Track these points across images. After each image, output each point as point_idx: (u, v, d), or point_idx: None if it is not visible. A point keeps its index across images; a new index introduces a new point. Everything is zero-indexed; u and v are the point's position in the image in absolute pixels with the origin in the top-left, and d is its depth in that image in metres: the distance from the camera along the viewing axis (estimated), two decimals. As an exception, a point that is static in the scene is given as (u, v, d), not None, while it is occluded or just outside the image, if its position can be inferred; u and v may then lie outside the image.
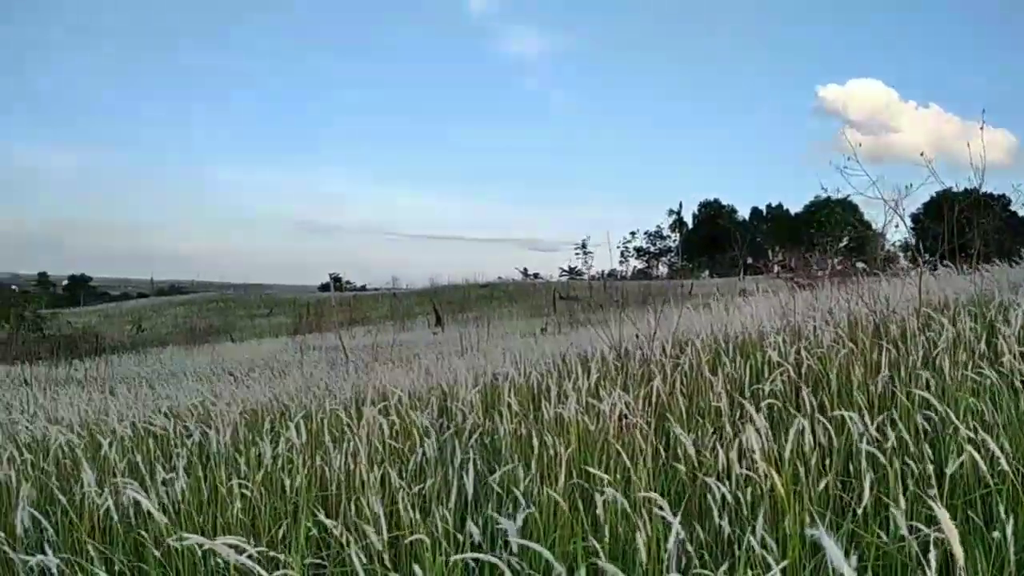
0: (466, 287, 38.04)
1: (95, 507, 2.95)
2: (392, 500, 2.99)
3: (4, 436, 4.60)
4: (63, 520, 3.08)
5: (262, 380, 8.94)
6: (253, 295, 47.57)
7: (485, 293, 37.19)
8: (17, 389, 10.15)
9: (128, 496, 2.97)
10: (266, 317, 36.87)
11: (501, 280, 44.29)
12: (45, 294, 45.34)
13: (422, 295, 36.80)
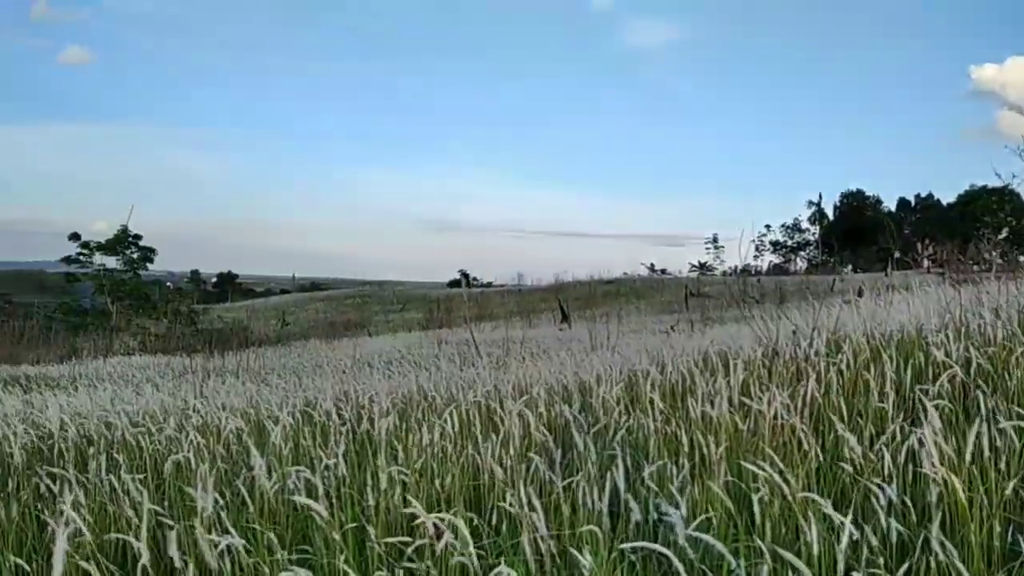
0: (591, 283, 37.93)
1: (264, 490, 3.11)
2: (544, 492, 3.02)
3: (177, 422, 4.91)
4: (234, 501, 3.26)
5: (401, 372, 9.20)
6: (387, 291, 49.07)
7: (611, 289, 36.97)
8: (180, 378, 10.80)
9: (294, 481, 3.13)
10: (399, 312, 37.94)
11: (627, 276, 43.87)
12: (197, 291, 48.09)
13: (547, 292, 36.94)
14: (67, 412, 5.41)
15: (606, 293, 34.90)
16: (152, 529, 2.64)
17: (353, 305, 42.47)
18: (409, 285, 60.45)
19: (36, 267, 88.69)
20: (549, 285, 40.78)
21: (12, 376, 13.43)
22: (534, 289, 40.95)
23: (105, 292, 27.95)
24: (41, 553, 3.05)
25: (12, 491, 3.63)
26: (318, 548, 2.79)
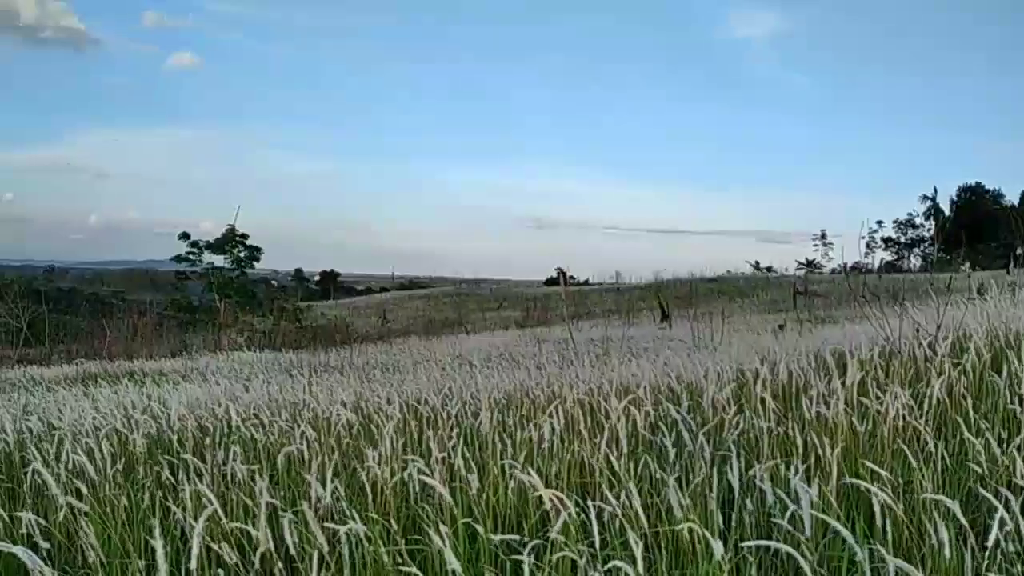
0: (692, 282, 37.31)
1: (378, 480, 3.17)
2: (655, 490, 2.98)
3: (288, 415, 5.06)
4: (347, 492, 3.33)
5: (500, 369, 9.24)
6: (484, 289, 49.54)
7: (713, 288, 36.30)
8: (286, 373, 11.11)
9: (409, 473, 3.17)
10: (496, 311, 38.23)
11: (730, 274, 42.99)
12: (300, 289, 49.56)
13: (646, 290, 36.53)
14: (184, 404, 5.64)
15: (708, 291, 34.24)
16: (270, 517, 2.72)
17: (451, 303, 43.01)
18: (505, 283, 60.85)
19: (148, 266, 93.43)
20: (648, 283, 40.32)
21: (128, 370, 14.13)
22: (633, 287, 40.58)
23: (213, 290, 29.08)
24: (167, 536, 3.18)
25: (139, 478, 3.80)
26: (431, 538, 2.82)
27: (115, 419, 5.15)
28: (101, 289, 69.35)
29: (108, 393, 7.92)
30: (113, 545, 2.98)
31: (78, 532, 2.83)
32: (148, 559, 2.70)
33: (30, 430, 5.26)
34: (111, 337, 21.35)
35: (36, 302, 26.59)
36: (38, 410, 6.57)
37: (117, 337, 21.79)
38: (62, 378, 12.76)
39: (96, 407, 5.97)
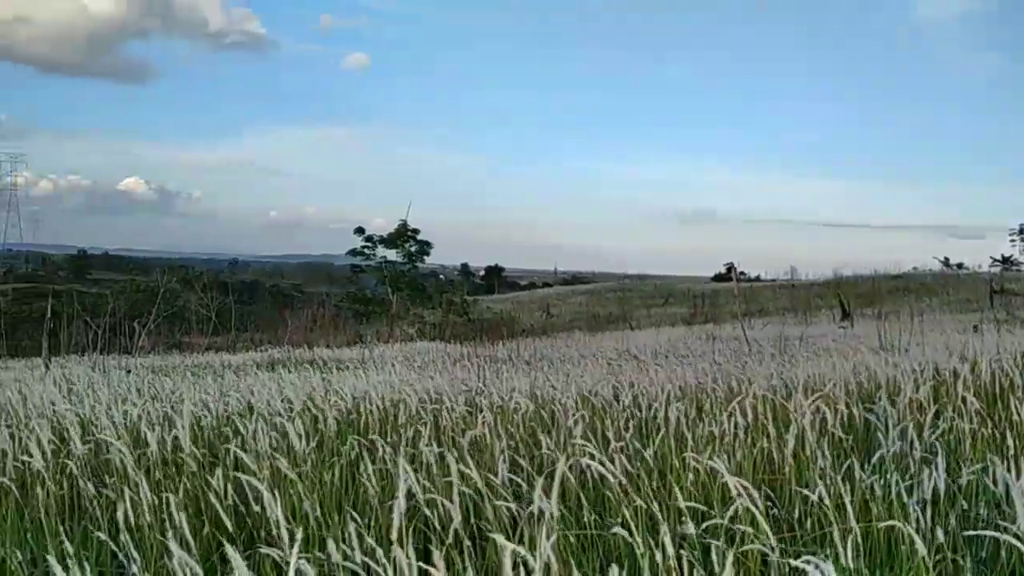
0: (874, 279, 35.28)
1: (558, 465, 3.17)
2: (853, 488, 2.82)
3: (466, 401, 5.17)
4: (527, 478, 3.36)
5: (668, 365, 9.09)
6: (648, 285, 48.98)
7: (898, 285, 34.18)
8: (457, 364, 11.37)
9: (587, 462, 3.15)
10: (661, 307, 37.73)
11: (916, 271, 40.39)
12: (466, 283, 50.77)
13: (824, 287, 34.89)
14: (371, 388, 5.88)
15: (892, 289, 32.25)
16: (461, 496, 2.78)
17: (615, 299, 42.83)
18: (670, 279, 59.91)
19: (324, 259, 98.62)
20: (826, 280, 38.48)
21: (308, 358, 14.92)
22: (808, 284, 38.86)
23: (386, 283, 30.28)
24: (359, 511, 3.31)
25: (333, 455, 3.98)
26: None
27: (305, 400, 5.44)
28: (280, 281, 73.90)
29: (292, 377, 8.40)
30: (311, 518, 3.13)
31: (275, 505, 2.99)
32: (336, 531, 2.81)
33: (225, 408, 5.65)
34: (292, 327, 22.67)
35: (222, 293, 28.61)
36: (232, 392, 7.04)
37: (298, 327, 23.11)
38: (249, 363, 13.62)
39: (282, 390, 6.33)
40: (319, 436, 4.43)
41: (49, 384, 8.09)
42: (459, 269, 62.34)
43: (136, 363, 13.24)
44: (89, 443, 4.20)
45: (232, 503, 3.17)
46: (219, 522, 2.98)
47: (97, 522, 3.31)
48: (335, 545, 2.47)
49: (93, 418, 5.14)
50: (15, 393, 6.75)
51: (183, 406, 5.62)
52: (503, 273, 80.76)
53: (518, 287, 73.34)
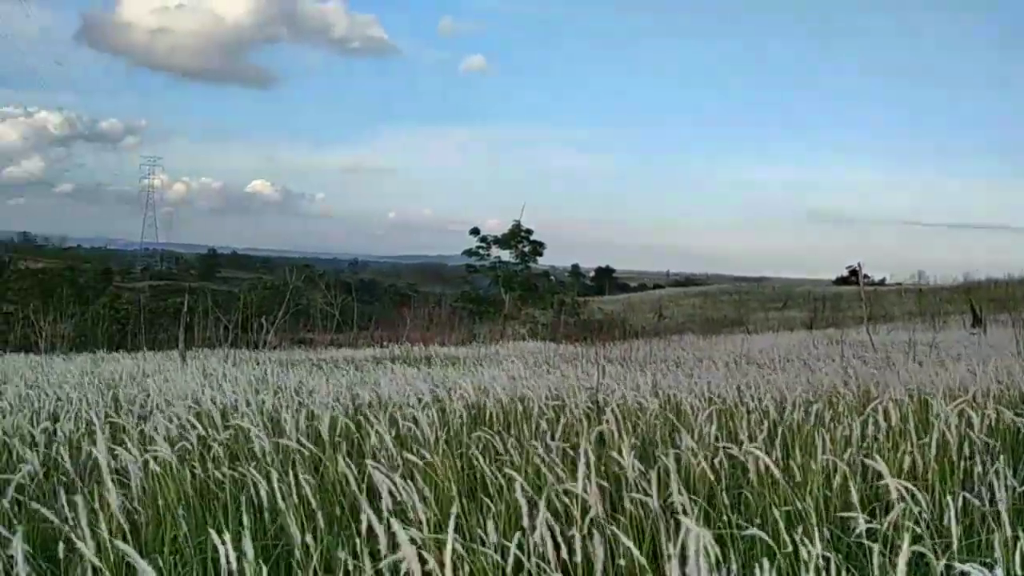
0: (1009, 283, 33.22)
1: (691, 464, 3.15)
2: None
3: (587, 398, 5.18)
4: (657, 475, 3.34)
5: (789, 369, 8.84)
6: (766, 287, 47.69)
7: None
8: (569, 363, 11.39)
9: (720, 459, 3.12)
10: (779, 310, 36.67)
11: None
12: (577, 284, 50.70)
13: (953, 291, 33.11)
14: (493, 384, 5.97)
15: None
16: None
17: (729, 301, 41.92)
18: (789, 281, 58.09)
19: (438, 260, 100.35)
20: (956, 284, 36.49)
21: (425, 355, 15.24)
22: (937, 288, 36.95)
23: (499, 283, 30.62)
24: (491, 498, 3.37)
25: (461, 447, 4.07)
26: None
27: (433, 392, 5.57)
28: (397, 281, 75.67)
29: (412, 372, 8.60)
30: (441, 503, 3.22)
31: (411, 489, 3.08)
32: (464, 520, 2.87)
33: (353, 400, 5.84)
34: (410, 325, 23.19)
35: (344, 292, 29.53)
36: (360, 385, 7.27)
37: (415, 325, 23.64)
38: (369, 359, 14.01)
39: (413, 382, 6.49)
40: (447, 428, 4.53)
41: (189, 374, 8.56)
42: (569, 270, 62.26)
43: (264, 356, 13.84)
44: (229, 429, 4.42)
45: (368, 487, 3.28)
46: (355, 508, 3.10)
47: (239, 503, 3.49)
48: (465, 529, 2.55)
49: (232, 406, 5.40)
50: (160, 383, 7.19)
51: (313, 396, 5.89)
52: (613, 274, 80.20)
53: (628, 288, 72.67)
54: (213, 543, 2.16)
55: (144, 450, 3.64)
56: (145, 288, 46.96)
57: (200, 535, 2.83)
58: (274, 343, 17.93)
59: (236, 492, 3.53)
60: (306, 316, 25.70)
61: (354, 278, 49.84)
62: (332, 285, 30.21)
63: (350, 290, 29.95)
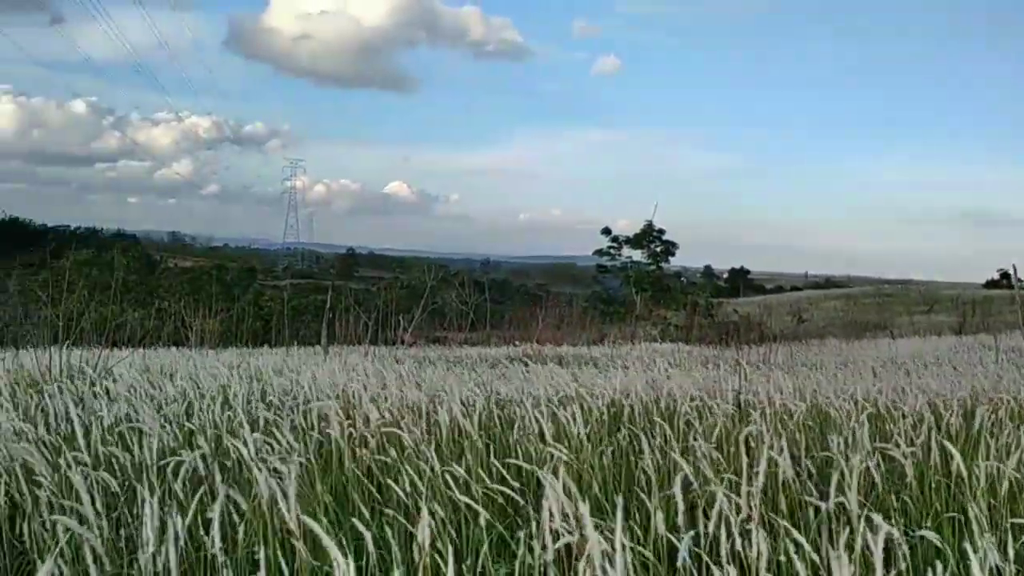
0: None
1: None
2: None
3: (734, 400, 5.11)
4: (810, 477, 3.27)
5: (944, 376, 8.40)
6: (911, 290, 45.32)
7: None
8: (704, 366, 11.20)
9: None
10: (925, 314, 34.77)
11: None
12: (709, 285, 49.63)
13: None
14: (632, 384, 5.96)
15: None
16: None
17: (872, 304, 40.08)
18: (935, 284, 54.94)
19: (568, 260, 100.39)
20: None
21: (556, 355, 15.30)
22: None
23: (630, 283, 30.38)
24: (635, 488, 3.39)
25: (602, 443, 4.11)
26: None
27: (577, 389, 5.64)
28: (528, 281, 76.22)
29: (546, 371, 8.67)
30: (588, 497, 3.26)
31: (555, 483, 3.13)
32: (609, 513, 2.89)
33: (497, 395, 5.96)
34: (541, 325, 23.36)
35: (476, 292, 30.00)
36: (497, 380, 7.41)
37: (546, 325, 23.78)
38: (503, 358, 14.20)
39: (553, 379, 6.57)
40: (588, 425, 4.57)
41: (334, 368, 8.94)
42: (701, 271, 61.01)
43: (401, 353, 14.27)
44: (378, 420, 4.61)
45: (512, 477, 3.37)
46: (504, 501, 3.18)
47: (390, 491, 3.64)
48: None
49: (381, 398, 5.62)
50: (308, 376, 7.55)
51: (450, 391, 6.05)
52: (749, 276, 78.03)
53: (764, 290, 70.53)
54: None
55: (306, 437, 3.86)
56: (287, 286, 49.22)
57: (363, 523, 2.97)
58: (410, 341, 18.45)
59: (384, 480, 3.69)
60: (440, 315, 26.30)
61: (486, 278, 50.58)
62: (465, 284, 30.78)
63: (482, 289, 30.41)
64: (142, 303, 21.68)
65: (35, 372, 6.31)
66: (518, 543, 3.00)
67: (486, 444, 4.22)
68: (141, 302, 21.82)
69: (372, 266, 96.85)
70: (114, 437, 3.74)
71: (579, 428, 3.85)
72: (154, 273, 40.11)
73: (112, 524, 2.67)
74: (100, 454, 3.40)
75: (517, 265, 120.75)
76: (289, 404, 5.54)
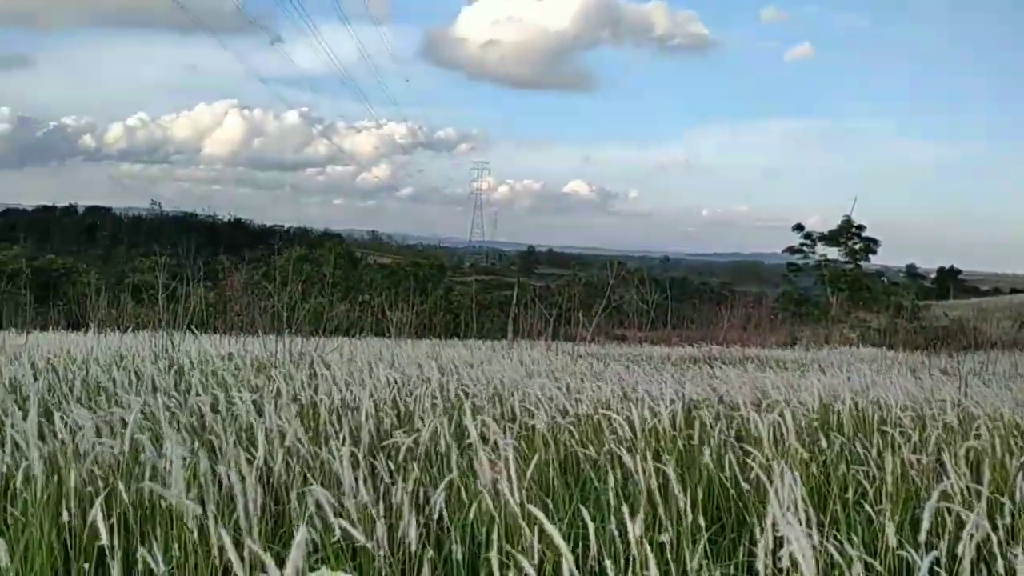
0: None
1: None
2: None
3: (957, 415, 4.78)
4: None
5: None
6: None
7: None
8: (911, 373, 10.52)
9: None
10: None
11: None
12: (914, 285, 46.46)
13: None
14: (844, 389, 5.70)
15: None
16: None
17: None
18: None
19: (754, 258, 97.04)
20: None
21: (742, 356, 14.81)
22: None
23: (825, 282, 28.91)
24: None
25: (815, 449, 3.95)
26: None
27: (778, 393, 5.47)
28: (710, 279, 74.41)
29: (735, 373, 8.41)
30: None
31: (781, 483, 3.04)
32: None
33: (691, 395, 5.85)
34: (727, 325, 22.72)
35: (655, 290, 29.55)
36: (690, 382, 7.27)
37: (732, 325, 23.10)
38: (685, 357, 13.93)
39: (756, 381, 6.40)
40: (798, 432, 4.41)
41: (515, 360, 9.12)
42: (904, 270, 57.05)
43: (583, 349, 14.31)
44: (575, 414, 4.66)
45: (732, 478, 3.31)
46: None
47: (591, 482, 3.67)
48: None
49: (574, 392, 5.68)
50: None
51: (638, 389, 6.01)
52: (959, 275, 72.14)
53: (978, 292, 65.07)
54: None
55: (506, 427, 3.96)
56: (471, 282, 50.64)
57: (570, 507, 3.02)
58: (589, 337, 18.48)
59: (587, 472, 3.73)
60: (619, 312, 26.13)
61: (664, 275, 49.85)
62: (645, 282, 30.44)
63: (667, 288, 29.97)
64: (346, 296, 23.03)
65: (263, 357, 6.87)
66: (732, 546, 2.96)
67: (685, 445, 4.17)
68: (345, 296, 23.18)
69: (551, 263, 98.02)
70: (335, 416, 3.99)
71: (790, 433, 3.71)
72: (356, 269, 42.46)
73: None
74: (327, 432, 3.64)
75: (699, 263, 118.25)
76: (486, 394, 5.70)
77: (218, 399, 3.98)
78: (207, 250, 35.84)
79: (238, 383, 4.98)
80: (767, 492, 2.85)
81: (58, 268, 30.42)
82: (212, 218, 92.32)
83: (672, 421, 4.47)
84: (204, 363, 6.20)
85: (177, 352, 7.08)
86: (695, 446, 3.99)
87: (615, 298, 27.40)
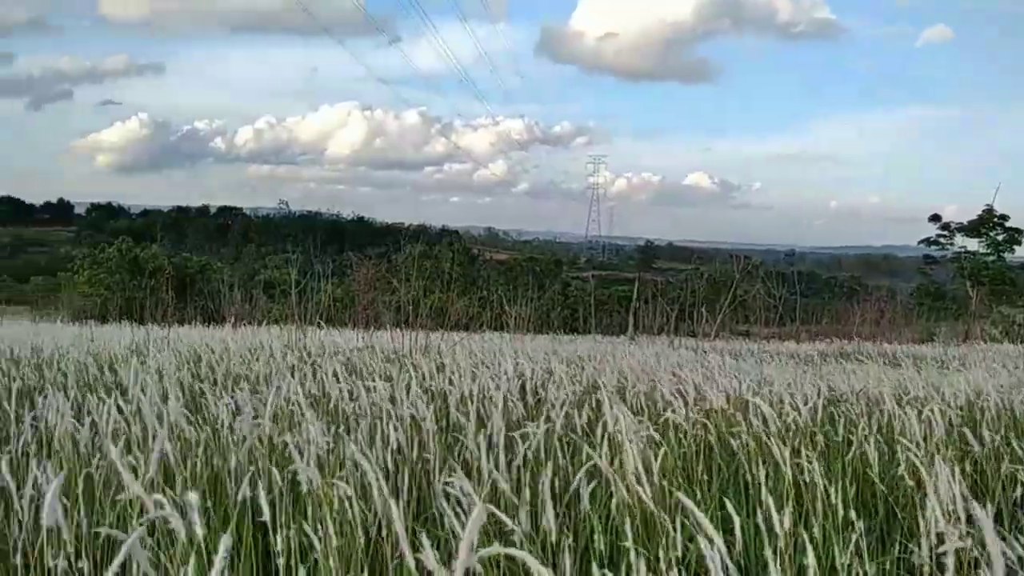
0: None
1: None
2: None
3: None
4: None
5: None
6: None
7: None
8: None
9: None
10: None
11: None
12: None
13: None
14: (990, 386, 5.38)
15: None
16: None
17: None
18: None
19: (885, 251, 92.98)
20: None
21: (878, 353, 14.17)
22: None
23: (964, 276, 27.41)
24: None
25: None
26: None
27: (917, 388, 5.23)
28: (839, 273, 71.74)
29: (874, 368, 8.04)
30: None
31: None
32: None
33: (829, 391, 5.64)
34: (858, 320, 21.82)
35: (781, 284, 28.65)
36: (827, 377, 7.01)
37: (863, 320, 22.16)
38: (814, 353, 13.45)
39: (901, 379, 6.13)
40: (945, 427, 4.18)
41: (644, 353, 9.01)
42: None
43: (705, 345, 14.04)
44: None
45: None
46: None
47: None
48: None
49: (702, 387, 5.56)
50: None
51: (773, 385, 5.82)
52: None
53: None
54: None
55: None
56: (588, 277, 50.55)
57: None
58: (711, 333, 18.11)
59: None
60: (744, 308, 25.48)
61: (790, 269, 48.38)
62: (770, 276, 29.59)
63: (794, 282, 29.04)
64: (465, 292, 23.43)
65: (388, 350, 7.05)
66: (879, 543, 2.83)
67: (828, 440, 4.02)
68: (464, 291, 23.59)
69: (670, 257, 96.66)
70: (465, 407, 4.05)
71: (938, 428, 3.52)
72: (474, 265, 43.17)
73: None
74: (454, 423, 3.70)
75: (826, 256, 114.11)
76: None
77: (355, 387, 4.09)
78: (332, 247, 37.12)
79: (371, 373, 5.12)
80: (915, 488, 2.72)
81: (193, 266, 32.15)
82: (336, 216, 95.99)
83: (813, 416, 4.32)
84: (336, 354, 6.40)
85: (310, 343, 7.35)
86: (839, 442, 3.83)
87: (740, 293, 26.79)
